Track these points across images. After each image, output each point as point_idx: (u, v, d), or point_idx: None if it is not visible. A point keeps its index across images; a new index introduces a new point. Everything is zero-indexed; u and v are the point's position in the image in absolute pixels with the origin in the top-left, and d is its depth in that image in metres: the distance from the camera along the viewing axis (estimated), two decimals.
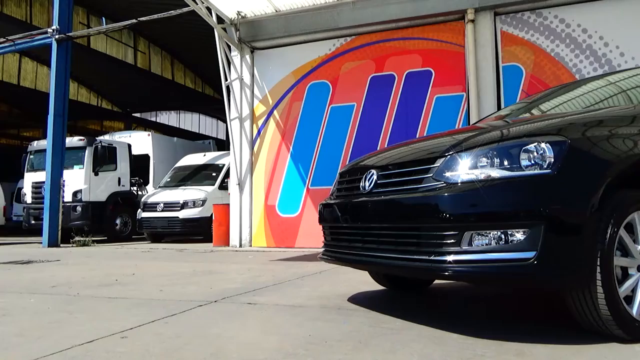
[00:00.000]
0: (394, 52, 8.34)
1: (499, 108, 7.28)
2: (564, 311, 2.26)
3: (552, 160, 2.09)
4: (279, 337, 2.38)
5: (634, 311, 2.11)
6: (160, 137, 15.54)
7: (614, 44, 7.08)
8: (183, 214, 10.94)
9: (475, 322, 2.64)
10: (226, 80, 9.02)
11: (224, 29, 9.02)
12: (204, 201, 11.03)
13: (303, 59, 8.92)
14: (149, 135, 14.83)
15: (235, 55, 9.25)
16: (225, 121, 11.06)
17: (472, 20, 7.61)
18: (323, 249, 3.24)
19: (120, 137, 14.18)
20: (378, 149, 6.85)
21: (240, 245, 8.93)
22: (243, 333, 2.47)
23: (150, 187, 13.52)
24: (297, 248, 8.37)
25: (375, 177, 2.69)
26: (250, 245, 8.90)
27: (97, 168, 11.92)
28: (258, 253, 7.64)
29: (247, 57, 9.26)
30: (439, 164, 2.35)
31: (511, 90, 7.51)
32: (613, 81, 3.36)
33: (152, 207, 11.30)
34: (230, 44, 9.11)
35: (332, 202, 3.09)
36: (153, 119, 27.67)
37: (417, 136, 7.77)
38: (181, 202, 11.07)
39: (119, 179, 12.53)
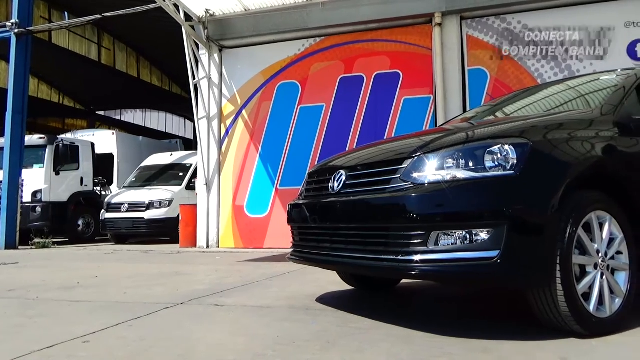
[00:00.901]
0: (363, 53, 8.41)
1: (464, 110, 7.44)
2: (527, 309, 2.32)
3: (515, 161, 2.15)
4: (247, 338, 2.36)
5: (591, 307, 2.19)
6: (125, 136, 15.18)
7: (574, 50, 7.35)
8: (149, 214, 10.72)
9: (443, 321, 2.68)
10: (194, 79, 8.89)
11: (192, 27, 8.88)
12: (170, 201, 10.83)
13: (272, 58, 8.87)
14: (113, 133, 14.48)
15: (203, 54, 9.13)
16: (192, 120, 10.89)
17: (440, 24, 7.75)
18: (291, 250, 3.24)
19: (83, 136, 13.77)
20: (347, 149, 6.89)
21: (208, 246, 8.81)
22: (211, 335, 2.44)
23: (114, 187, 13.19)
24: (266, 249, 8.31)
25: (344, 177, 2.71)
26: (218, 246, 8.79)
27: (58, 167, 11.53)
28: (226, 254, 7.55)
29: (216, 55, 9.15)
30: (406, 165, 2.38)
31: (476, 93, 7.69)
32: (572, 86, 3.48)
33: (116, 207, 11.02)
34: (198, 42, 8.98)
35: (301, 202, 3.09)
36: (118, 117, 26.98)
37: (386, 137, 7.85)
38: (147, 202, 10.84)
39: (82, 178, 12.16)
